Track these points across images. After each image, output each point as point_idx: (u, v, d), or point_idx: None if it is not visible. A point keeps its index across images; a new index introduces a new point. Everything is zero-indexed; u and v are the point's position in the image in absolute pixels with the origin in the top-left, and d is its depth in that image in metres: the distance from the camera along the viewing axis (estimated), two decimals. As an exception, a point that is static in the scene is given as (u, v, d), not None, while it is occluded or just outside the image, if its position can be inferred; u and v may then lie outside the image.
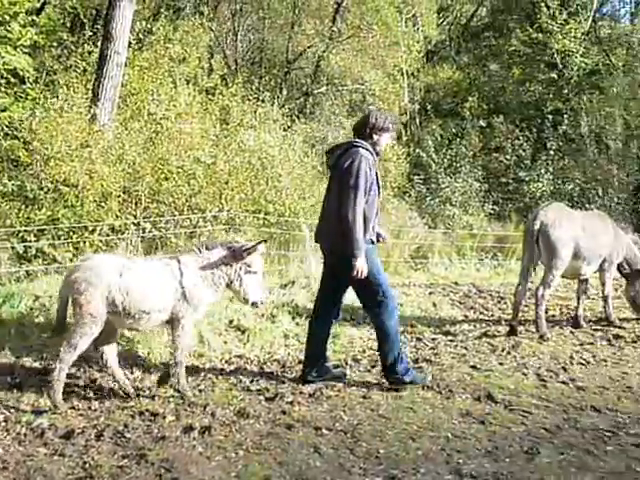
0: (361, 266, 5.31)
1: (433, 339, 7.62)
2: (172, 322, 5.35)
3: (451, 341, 7.55)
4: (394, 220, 14.64)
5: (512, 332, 7.81)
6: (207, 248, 5.45)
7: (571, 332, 8.13)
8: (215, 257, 5.38)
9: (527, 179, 19.15)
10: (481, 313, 9.18)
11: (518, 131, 20.48)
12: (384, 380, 5.87)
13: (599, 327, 8.35)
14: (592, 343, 7.64)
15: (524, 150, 19.60)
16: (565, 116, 21.18)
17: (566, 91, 23.50)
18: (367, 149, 5.53)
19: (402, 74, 23.07)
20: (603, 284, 8.43)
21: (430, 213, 17.23)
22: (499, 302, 9.90)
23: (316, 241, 5.97)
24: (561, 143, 20.45)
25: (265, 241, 5.86)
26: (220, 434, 4.70)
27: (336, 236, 5.42)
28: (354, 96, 22.87)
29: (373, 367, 6.35)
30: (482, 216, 17.60)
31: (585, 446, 4.68)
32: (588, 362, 6.85)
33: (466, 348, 7.27)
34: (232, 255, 5.42)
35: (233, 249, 5.45)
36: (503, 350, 7.19)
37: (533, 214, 8.11)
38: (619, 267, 8.53)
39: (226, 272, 5.40)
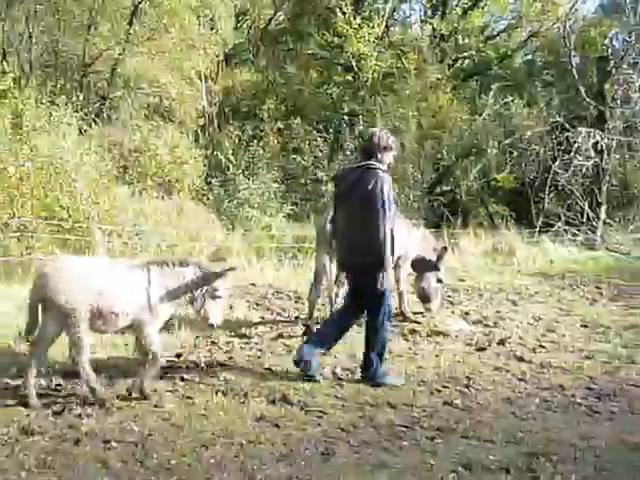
0: (386, 280, 5.92)
1: (228, 342, 7.45)
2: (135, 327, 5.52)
3: (246, 344, 7.43)
4: (192, 224, 14.63)
5: (307, 332, 7.66)
6: (181, 264, 5.64)
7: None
8: (186, 275, 5.58)
9: (325, 179, 19.76)
10: (278, 314, 9.11)
11: (315, 132, 21.07)
12: (184, 388, 5.86)
13: (395, 323, 8.29)
14: (389, 340, 7.61)
15: (321, 151, 20.23)
16: (360, 117, 22.09)
17: (362, 93, 24.56)
18: (384, 170, 5.93)
19: (200, 77, 23.11)
20: (397, 280, 8.52)
21: (228, 215, 17.34)
22: (296, 302, 9.87)
23: (340, 259, 6.41)
24: (357, 143, 21.28)
25: (234, 268, 6.46)
26: (1, 455, 4.40)
27: (366, 253, 5.84)
28: (151, 100, 22.60)
29: (166, 373, 6.12)
30: (281, 217, 17.93)
31: (381, 443, 4.79)
32: (385, 359, 6.69)
33: (261, 350, 7.18)
34: (202, 277, 5.62)
35: (204, 272, 5.66)
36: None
37: (325, 214, 8.03)
38: (412, 264, 8.80)
39: (191, 291, 5.61)
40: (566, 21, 24.37)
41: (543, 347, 7.63)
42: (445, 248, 9.09)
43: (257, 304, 9.61)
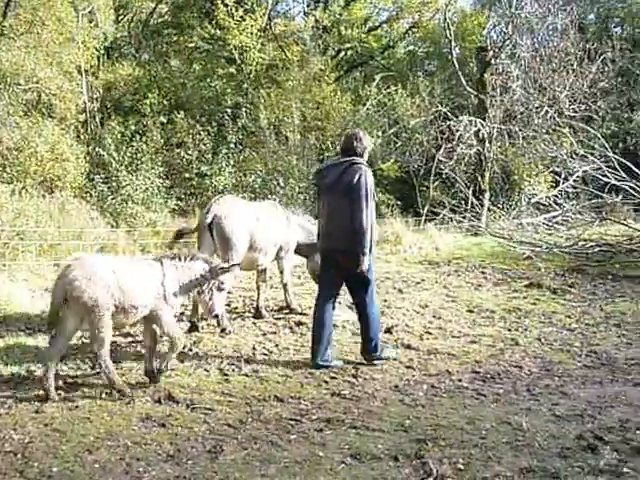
0: (368, 262, 6.41)
1: (113, 342, 6.79)
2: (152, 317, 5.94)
3: (131, 343, 7.30)
4: (75, 222, 14.61)
5: (193, 328, 7.76)
6: (191, 259, 6.10)
7: (254, 323, 8.18)
8: (195, 269, 6.06)
9: (209, 173, 20.04)
10: None
11: (199, 126, 21.25)
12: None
13: (282, 315, 8.50)
14: (275, 332, 7.79)
15: (205, 144, 20.43)
16: (244, 109, 22.42)
17: (245, 85, 24.95)
18: (366, 165, 6.56)
19: (80, 72, 22.94)
20: (281, 272, 8.63)
21: (112, 212, 17.41)
22: None
23: (320, 243, 6.87)
24: (241, 136, 21.64)
25: (238, 264, 6.94)
26: None
27: (350, 238, 6.37)
28: (30, 95, 22.25)
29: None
30: (166, 212, 18.10)
31: (269, 438, 4.78)
32: (271, 352, 7.00)
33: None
34: (210, 271, 6.12)
35: (212, 266, 6.17)
36: (184, 348, 6.90)
37: (207, 207, 8.02)
38: (298, 250, 8.74)
39: (200, 284, 6.11)
40: (445, 12, 25.25)
41: (430, 334, 7.81)
42: None
43: None
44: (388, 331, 7.81)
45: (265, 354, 6.97)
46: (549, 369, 6.64)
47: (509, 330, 8.22)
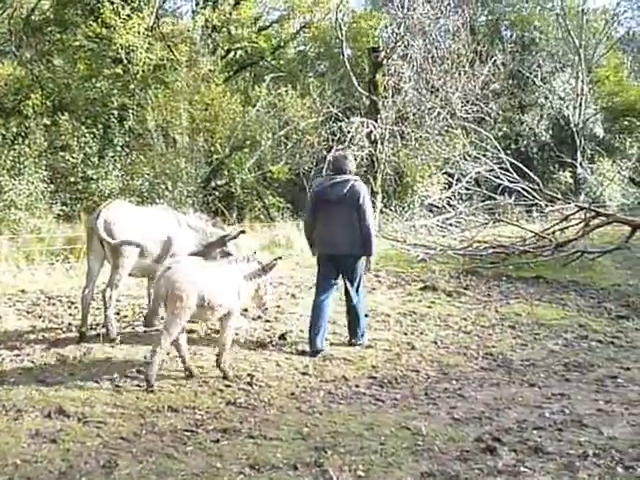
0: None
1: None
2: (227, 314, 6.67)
3: (17, 356, 7.14)
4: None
5: (82, 339, 7.70)
6: (248, 260, 7.00)
7: (144, 332, 8.02)
8: (253, 269, 6.93)
9: (95, 177, 19.90)
10: (50, 321, 8.85)
11: (84, 128, 21.05)
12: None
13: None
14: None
15: (90, 147, 20.27)
16: (131, 111, 22.38)
17: (132, 86, 24.78)
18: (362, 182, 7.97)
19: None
20: None
21: (-8, 219, 17.11)
22: (69, 307, 9.70)
23: (323, 249, 7.95)
24: (128, 139, 21.55)
25: (280, 258, 7.70)
26: None
27: (354, 244, 7.73)
28: None
29: None
30: (50, 218, 17.83)
31: (165, 450, 4.80)
32: (163, 360, 6.74)
33: (33, 362, 6.95)
34: (262, 269, 7.00)
35: (262, 264, 7.04)
36: (74, 359, 7.01)
37: (95, 213, 7.94)
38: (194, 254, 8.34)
39: (257, 281, 6.97)
40: (337, 12, 25.58)
41: (325, 340, 7.80)
42: (243, 231, 9.13)
43: (28, 312, 9.37)
44: (282, 337, 8.13)
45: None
46: (446, 372, 7.01)
47: (405, 334, 8.58)
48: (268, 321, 8.93)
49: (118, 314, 8.87)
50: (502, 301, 10.77)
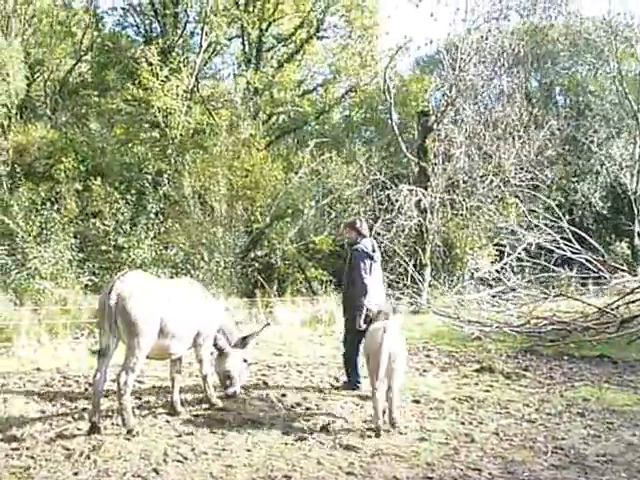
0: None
1: None
2: None
3: (14, 450, 6.46)
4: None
5: (94, 430, 6.98)
6: None
7: (167, 421, 7.50)
8: None
9: (127, 245, 19.37)
10: (62, 405, 8.19)
11: (117, 194, 20.70)
12: None
13: (200, 412, 7.85)
14: (192, 433, 7.09)
15: (122, 214, 19.79)
16: (166, 177, 22.02)
17: (169, 151, 24.66)
18: None
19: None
20: (200, 362, 7.99)
21: (16, 288, 16.69)
22: (87, 390, 8.95)
23: (368, 300, 8.78)
24: (163, 205, 21.11)
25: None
26: None
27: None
28: None
29: None
30: (77, 288, 17.29)
31: None
32: (186, 458, 6.30)
33: (33, 457, 6.28)
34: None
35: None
36: (81, 454, 6.32)
37: (108, 286, 7.21)
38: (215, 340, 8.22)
39: None
40: (386, 73, 24.95)
41: (372, 430, 7.19)
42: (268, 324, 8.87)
43: (39, 394, 8.68)
44: (324, 429, 7.29)
45: (179, 460, 6.25)
46: (512, 471, 6.21)
47: (462, 424, 7.77)
48: (308, 409, 8.19)
49: (139, 398, 8.25)
50: (566, 384, 9.97)
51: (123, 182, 23.08)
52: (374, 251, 9.18)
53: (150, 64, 24.75)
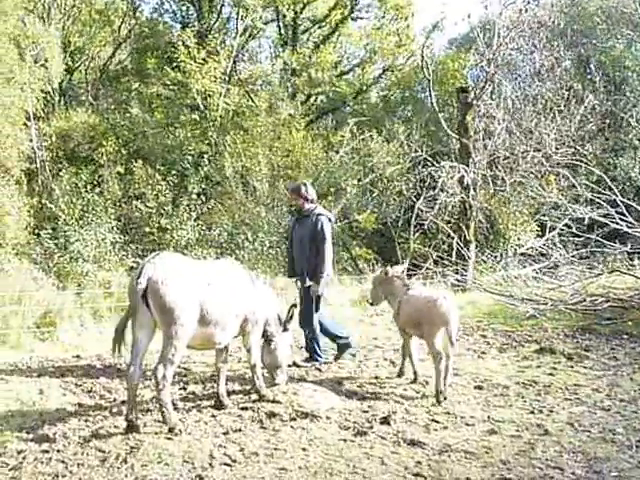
0: None
1: (20, 451, 5.59)
2: None
3: (45, 452, 5.56)
4: (13, 284, 13.23)
5: (131, 428, 6.08)
6: None
7: (213, 416, 6.57)
8: None
9: (170, 227, 18.74)
10: (101, 397, 7.29)
11: (159, 176, 20.04)
12: None
13: (249, 405, 6.87)
14: (240, 430, 6.17)
15: (165, 195, 19.15)
16: (207, 157, 21.35)
17: (210, 133, 24.05)
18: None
19: (28, 117, 21.84)
20: (249, 350, 7.07)
21: (59, 272, 15.99)
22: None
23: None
24: (205, 186, 20.43)
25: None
26: None
27: None
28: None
29: None
30: (122, 271, 16.60)
31: None
32: (234, 460, 5.42)
33: (64, 462, 5.38)
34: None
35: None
36: (117, 458, 5.45)
37: (139, 269, 6.22)
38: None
39: None
40: (423, 51, 23.87)
41: (437, 422, 6.43)
42: (294, 305, 7.70)
43: (76, 385, 7.74)
44: (385, 422, 6.32)
45: (227, 464, 5.32)
46: (598, 470, 5.28)
47: (532, 412, 6.82)
48: (365, 398, 7.20)
49: (184, 389, 7.39)
50: (633, 365, 8.98)
51: (165, 164, 22.69)
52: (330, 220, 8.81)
53: (187, 47, 24.19)
